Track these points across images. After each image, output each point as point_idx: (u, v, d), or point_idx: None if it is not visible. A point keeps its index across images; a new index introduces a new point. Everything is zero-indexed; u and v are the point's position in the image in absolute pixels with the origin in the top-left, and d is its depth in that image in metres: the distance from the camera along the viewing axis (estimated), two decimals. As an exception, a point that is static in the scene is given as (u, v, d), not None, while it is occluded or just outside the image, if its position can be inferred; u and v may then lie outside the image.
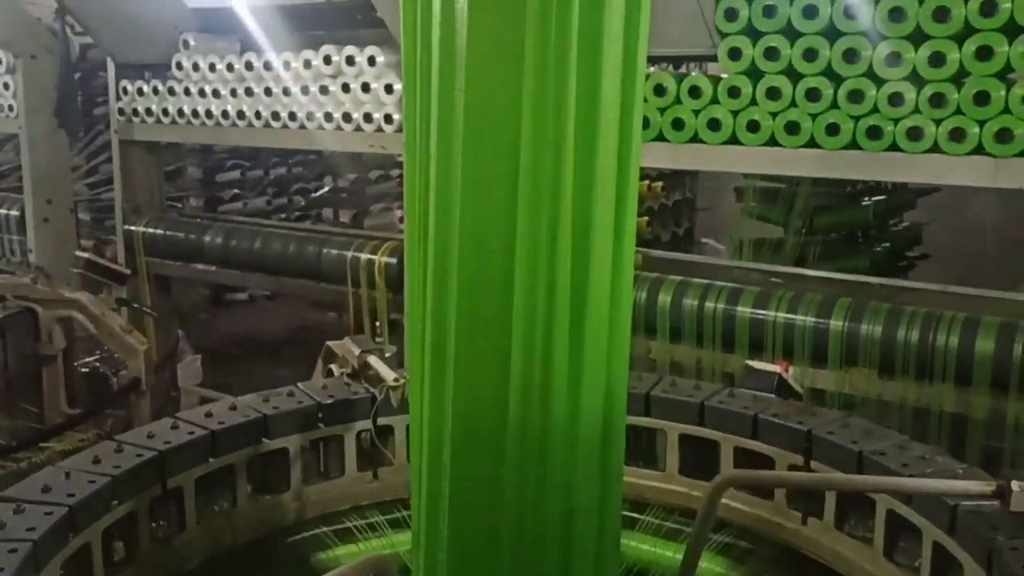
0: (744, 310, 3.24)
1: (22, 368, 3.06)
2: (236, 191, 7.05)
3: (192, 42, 4.78)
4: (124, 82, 4.97)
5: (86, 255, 4.12)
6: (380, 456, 2.34)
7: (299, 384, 2.42)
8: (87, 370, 3.55)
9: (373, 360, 2.39)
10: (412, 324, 1.64)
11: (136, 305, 4.21)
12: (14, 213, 5.52)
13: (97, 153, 6.88)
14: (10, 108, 5.31)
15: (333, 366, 2.57)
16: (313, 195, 7.34)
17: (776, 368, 2.40)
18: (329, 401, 2.32)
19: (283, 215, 7.03)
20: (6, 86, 5.28)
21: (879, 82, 2.84)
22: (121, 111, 5.02)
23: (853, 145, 2.89)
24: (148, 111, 4.90)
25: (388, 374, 2.27)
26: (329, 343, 2.58)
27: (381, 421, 2.34)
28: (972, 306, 3.04)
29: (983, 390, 2.87)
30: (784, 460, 2.09)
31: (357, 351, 2.44)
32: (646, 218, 4.47)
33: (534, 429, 1.49)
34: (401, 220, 6.25)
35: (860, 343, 3.02)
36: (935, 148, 2.78)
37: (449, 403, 1.56)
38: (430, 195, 1.53)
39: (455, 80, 1.45)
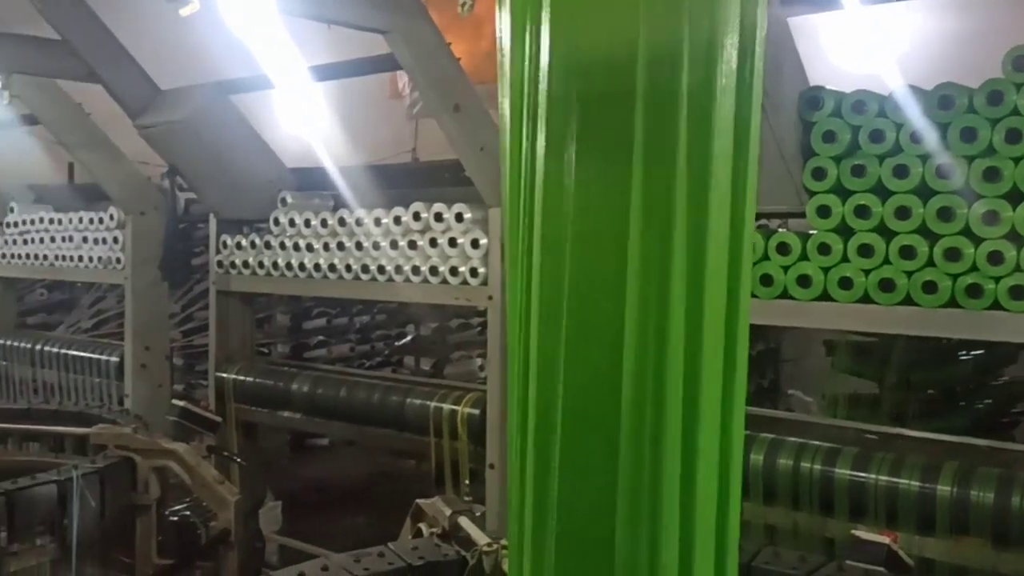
0: (843, 472, 3.11)
1: (117, 517, 3.10)
2: (321, 338, 7.22)
3: (289, 199, 5.03)
4: (224, 236, 5.23)
5: (182, 403, 4.23)
6: (470, 623, 2.28)
7: (389, 544, 2.39)
8: (175, 519, 3.57)
9: (464, 522, 2.36)
10: (512, 478, 1.62)
11: (227, 453, 4.27)
12: (114, 359, 5.75)
13: (193, 301, 7.17)
14: (117, 260, 5.62)
15: (422, 525, 2.54)
16: (396, 343, 7.46)
17: (885, 539, 2.28)
18: (420, 563, 2.28)
19: (366, 362, 7.15)
20: (116, 240, 5.61)
21: (976, 240, 2.81)
22: (220, 263, 5.25)
23: (952, 303, 2.84)
24: (245, 263, 5.12)
25: (480, 537, 2.23)
26: (419, 501, 2.57)
27: (471, 585, 2.29)
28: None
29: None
30: (902, 642, 1.96)
31: (448, 511, 2.42)
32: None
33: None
34: (481, 369, 6.28)
35: (970, 510, 2.86)
36: (1039, 306, 2.71)
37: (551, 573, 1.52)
38: (531, 348, 1.54)
39: (560, 248, 1.49)
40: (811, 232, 3.15)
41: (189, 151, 4.88)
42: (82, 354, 6.00)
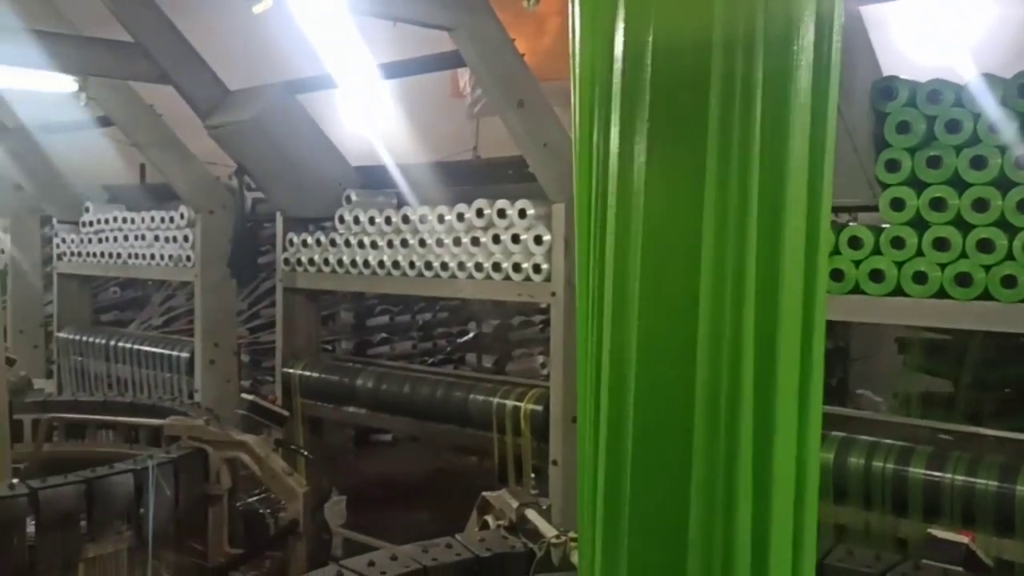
0: (918, 471, 3.04)
1: (190, 507, 3.18)
2: (384, 335, 7.29)
3: (354, 197, 5.09)
4: (290, 234, 5.32)
5: (251, 397, 4.31)
6: (538, 615, 2.27)
7: (456, 536, 2.41)
8: (244, 509, 3.64)
9: (531, 514, 2.36)
10: (581, 470, 1.61)
11: (293, 447, 4.35)
12: (184, 355, 5.89)
13: (259, 299, 7.30)
14: (187, 258, 5.75)
15: (489, 517, 2.55)
16: (458, 340, 7.51)
17: (963, 539, 2.22)
18: (487, 555, 2.29)
19: (428, 359, 7.20)
20: (186, 238, 5.74)
21: (1058, 233, 2.72)
22: (286, 261, 5.35)
23: (1033, 297, 2.75)
24: (310, 261, 5.20)
25: (548, 530, 2.23)
26: (485, 494, 2.57)
27: (539, 579, 2.29)
28: None
29: None
30: (983, 644, 1.90)
31: (515, 504, 2.42)
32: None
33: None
34: (543, 366, 6.28)
35: (1052, 512, 2.77)
36: (1123, 300, 2.61)
37: (624, 567, 1.51)
38: (603, 344, 1.52)
39: (631, 242, 1.47)
40: (883, 226, 3.08)
41: (257, 150, 4.98)
42: (154, 350, 6.16)
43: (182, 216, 5.78)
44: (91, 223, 6.58)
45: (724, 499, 1.42)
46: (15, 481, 3.02)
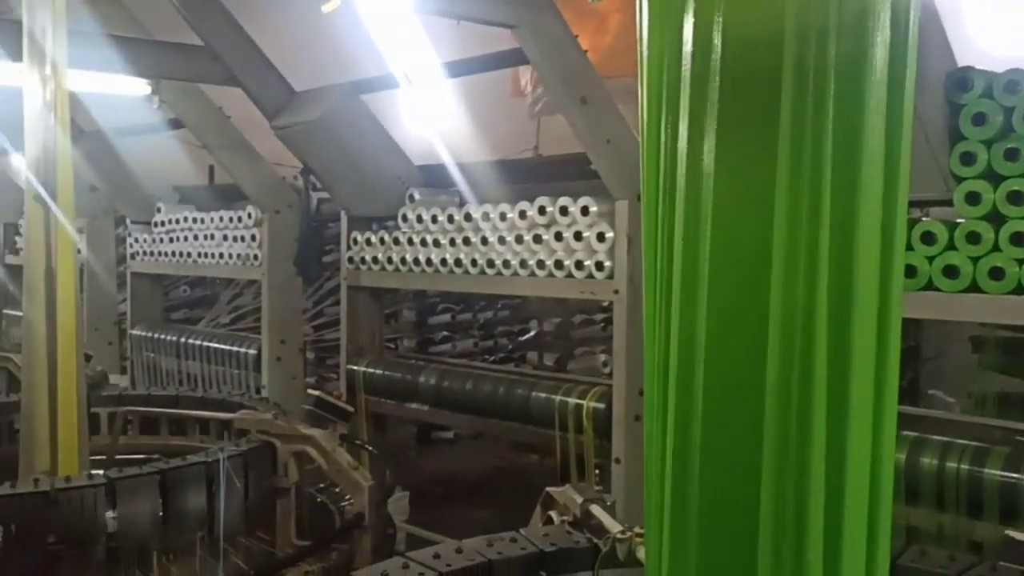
0: (993, 472, 2.96)
1: (259, 498, 3.24)
2: (446, 333, 7.35)
3: (417, 196, 5.14)
4: (355, 233, 5.39)
5: (316, 393, 4.39)
6: (602, 610, 2.27)
7: (521, 530, 2.41)
8: (310, 502, 3.70)
9: (596, 510, 2.36)
10: (648, 466, 1.60)
11: (358, 442, 4.41)
12: (251, 352, 6.01)
13: (323, 298, 7.42)
14: (255, 257, 5.87)
15: (553, 513, 2.55)
16: (519, 338, 7.53)
17: (1044, 540, 2.15)
18: (552, 549, 2.29)
19: (489, 357, 7.23)
20: (253, 237, 5.86)
21: None
22: (350, 259, 5.42)
23: (1117, 294, 2.66)
24: (374, 259, 5.26)
25: (613, 525, 2.23)
26: (549, 489, 2.57)
27: (603, 574, 2.28)
28: None
29: None
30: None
31: (579, 499, 2.42)
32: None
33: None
34: (605, 365, 6.27)
35: None
36: None
37: (692, 563, 1.49)
38: (671, 347, 1.51)
39: (700, 236, 1.45)
40: (958, 220, 3.00)
41: (322, 150, 5.06)
42: (222, 347, 6.30)
43: (249, 216, 5.91)
44: (163, 223, 6.77)
45: (795, 498, 1.40)
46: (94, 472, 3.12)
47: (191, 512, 3.04)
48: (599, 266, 4.16)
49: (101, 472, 3.07)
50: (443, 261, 4.87)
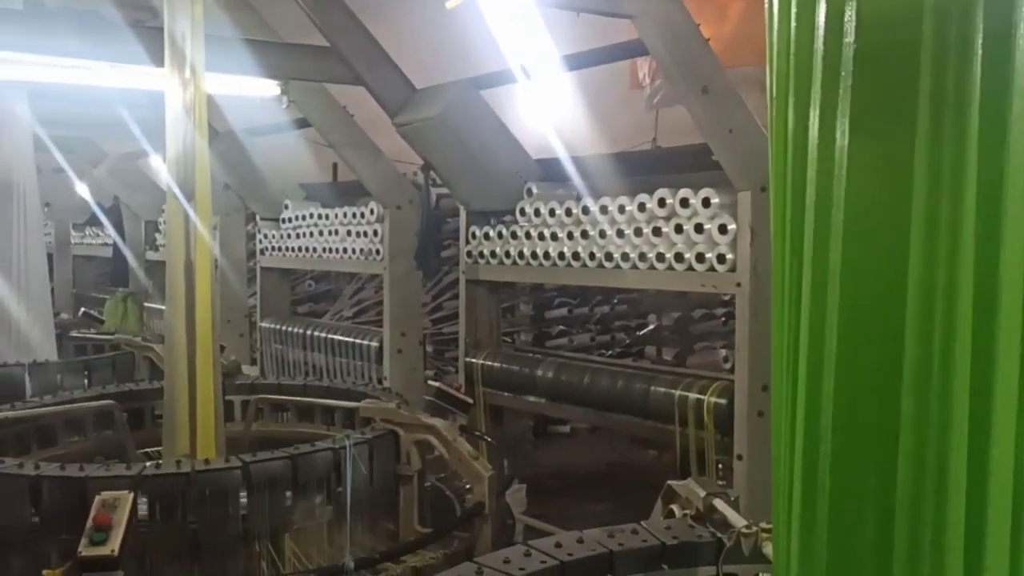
0: None
1: (383, 485, 3.34)
2: (562, 327, 7.36)
3: (535, 190, 5.17)
4: (473, 227, 5.47)
5: (437, 384, 4.48)
6: (725, 606, 2.24)
7: (642, 523, 2.40)
8: (431, 491, 3.78)
9: (720, 504, 2.33)
10: (776, 461, 1.57)
11: (477, 433, 4.48)
12: (373, 344, 6.18)
13: (442, 292, 7.56)
14: (377, 252, 6.03)
15: (674, 506, 2.53)
16: (637, 333, 7.47)
17: None
18: (673, 542, 2.27)
19: (605, 351, 7.21)
20: (375, 233, 6.02)
21: None
22: (469, 254, 5.50)
23: None
24: (492, 253, 5.32)
25: (738, 520, 2.19)
26: (671, 483, 2.55)
27: (727, 569, 2.25)
28: None
29: None
30: None
31: (702, 493, 2.39)
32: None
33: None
34: (725, 360, 6.15)
35: None
36: None
37: (823, 561, 1.46)
38: (800, 341, 1.47)
39: (832, 229, 1.41)
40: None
41: (442, 146, 5.15)
42: (346, 339, 6.50)
43: (372, 212, 6.07)
44: (290, 219, 7.02)
45: (934, 498, 1.33)
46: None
47: (319, 496, 3.15)
48: (721, 259, 4.08)
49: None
50: (561, 255, 4.89)
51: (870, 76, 1.40)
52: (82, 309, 9.26)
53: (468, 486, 3.54)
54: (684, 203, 4.25)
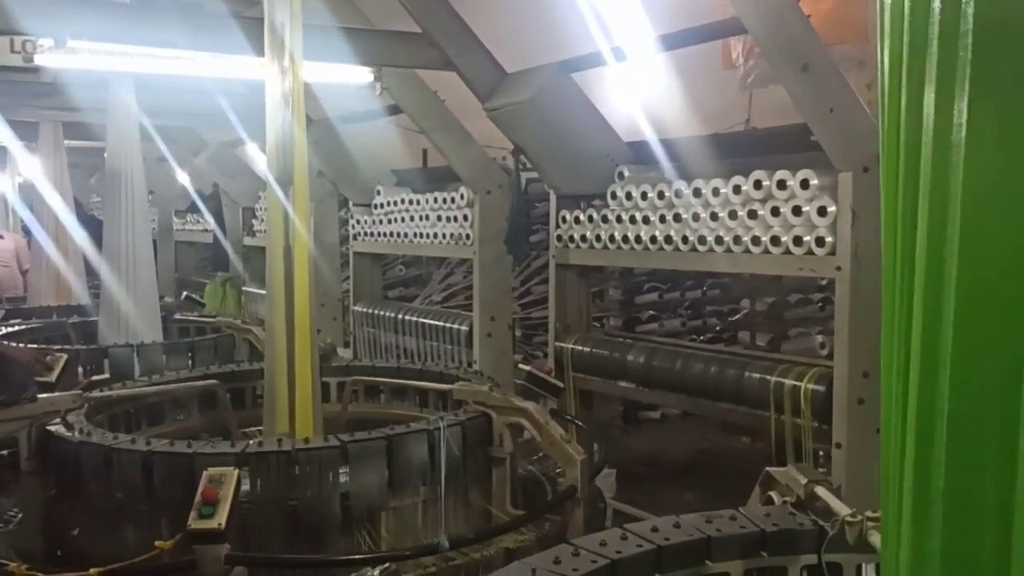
0: None
1: (476, 467, 3.37)
2: (652, 312, 7.30)
3: (626, 173, 5.12)
4: (563, 211, 5.45)
5: (528, 368, 4.49)
6: (827, 595, 2.18)
7: (740, 509, 2.36)
8: (523, 473, 3.80)
9: (822, 491, 2.27)
10: (885, 449, 1.51)
11: (568, 416, 4.47)
12: (463, 328, 6.24)
13: (530, 277, 7.57)
14: (467, 237, 6.07)
15: (773, 493, 2.48)
16: (729, 318, 7.36)
17: None
18: (773, 529, 2.23)
19: (697, 336, 7.12)
20: (466, 218, 6.06)
21: None
22: (559, 237, 5.49)
23: None
24: (583, 237, 5.30)
25: (841, 508, 2.13)
26: (770, 469, 2.50)
27: (829, 558, 2.20)
28: None
29: None
30: None
31: (803, 480, 2.34)
32: None
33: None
34: (822, 346, 6.00)
35: None
36: None
37: (936, 552, 1.41)
38: (913, 327, 1.41)
39: (949, 212, 1.35)
40: None
41: (532, 130, 5.14)
42: (436, 323, 6.58)
43: (462, 196, 6.11)
44: (381, 205, 7.13)
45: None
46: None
47: (414, 476, 3.20)
48: (820, 242, 3.97)
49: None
50: (652, 239, 4.83)
51: (991, 51, 1.33)
52: (184, 293, 9.62)
53: (560, 470, 3.54)
54: (781, 185, 4.15)
